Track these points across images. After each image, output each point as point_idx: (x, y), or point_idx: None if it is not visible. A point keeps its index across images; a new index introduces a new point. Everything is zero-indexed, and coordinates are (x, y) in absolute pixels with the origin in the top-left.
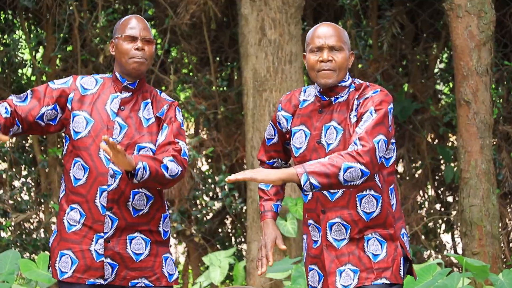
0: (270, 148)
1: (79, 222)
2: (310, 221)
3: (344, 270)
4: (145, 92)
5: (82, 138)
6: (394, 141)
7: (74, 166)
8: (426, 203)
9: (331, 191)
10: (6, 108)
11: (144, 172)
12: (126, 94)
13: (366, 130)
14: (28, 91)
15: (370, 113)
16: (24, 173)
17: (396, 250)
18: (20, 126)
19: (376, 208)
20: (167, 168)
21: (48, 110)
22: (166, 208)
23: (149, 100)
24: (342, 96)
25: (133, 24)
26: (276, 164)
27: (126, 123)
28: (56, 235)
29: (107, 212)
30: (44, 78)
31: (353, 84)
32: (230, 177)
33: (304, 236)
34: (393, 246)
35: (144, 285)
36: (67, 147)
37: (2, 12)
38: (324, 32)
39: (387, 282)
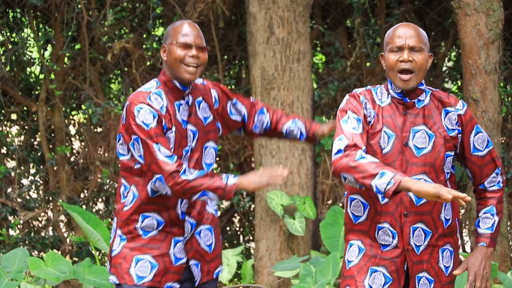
0: (359, 136)
1: (156, 229)
2: (383, 225)
3: (421, 278)
4: (193, 90)
5: None
6: None
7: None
8: None
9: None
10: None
11: None
12: (189, 100)
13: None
14: (160, 145)
15: (482, 133)
16: (32, 171)
17: (457, 261)
18: None
19: (451, 215)
20: None
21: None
22: None
23: (200, 98)
24: (424, 100)
25: (187, 31)
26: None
27: (196, 128)
28: (126, 242)
29: (186, 217)
30: (52, 76)
31: (427, 88)
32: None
33: (356, 242)
34: (457, 257)
35: (218, 275)
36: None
37: (10, 11)
38: (405, 32)
39: None
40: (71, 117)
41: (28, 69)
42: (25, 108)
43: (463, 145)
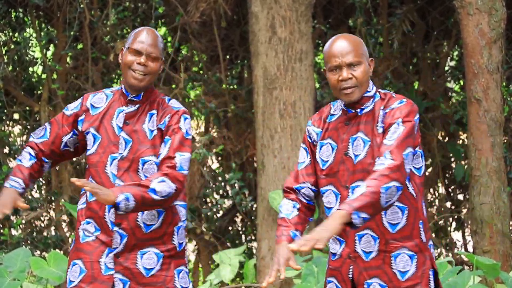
0: (302, 171)
1: (93, 234)
2: None
3: (371, 284)
4: (152, 103)
5: (91, 155)
6: (422, 151)
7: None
8: (437, 201)
9: None
10: (30, 153)
11: (128, 202)
12: (131, 108)
13: (396, 144)
14: (46, 124)
15: (398, 124)
16: None
17: (425, 263)
18: (49, 161)
19: (402, 218)
20: (155, 191)
21: (69, 137)
22: (181, 217)
23: (154, 111)
24: (368, 107)
25: (142, 38)
26: (304, 191)
27: (130, 137)
28: (73, 244)
29: (116, 228)
30: (54, 76)
31: (377, 93)
32: (293, 246)
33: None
34: (422, 258)
35: None
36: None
37: (13, 10)
38: (340, 50)
39: None
40: None
41: (30, 68)
42: (27, 107)
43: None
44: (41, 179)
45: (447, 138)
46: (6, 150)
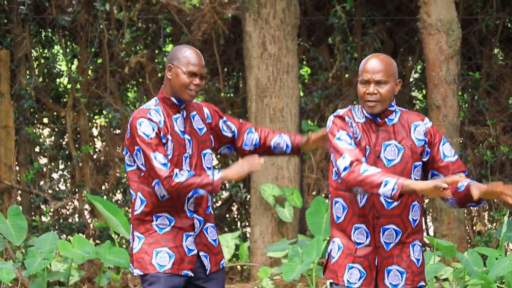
0: (357, 149)
1: (169, 225)
2: (359, 225)
3: (392, 270)
4: (188, 106)
5: (169, 159)
6: None
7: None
8: None
9: (388, 200)
10: (179, 171)
11: None
12: (184, 113)
13: (462, 162)
14: (154, 154)
15: (446, 141)
16: (61, 167)
17: (423, 255)
18: None
19: (419, 216)
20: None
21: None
22: None
23: (194, 112)
24: (393, 119)
25: (195, 61)
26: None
27: (191, 137)
28: (145, 239)
29: (194, 215)
30: (78, 86)
31: (397, 109)
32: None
33: (337, 239)
34: (422, 250)
35: (223, 265)
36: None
37: (43, 30)
38: (372, 67)
39: (424, 284)
40: (94, 121)
41: (57, 80)
42: (55, 113)
43: (433, 154)
44: (66, 173)
45: None
46: (37, 149)
